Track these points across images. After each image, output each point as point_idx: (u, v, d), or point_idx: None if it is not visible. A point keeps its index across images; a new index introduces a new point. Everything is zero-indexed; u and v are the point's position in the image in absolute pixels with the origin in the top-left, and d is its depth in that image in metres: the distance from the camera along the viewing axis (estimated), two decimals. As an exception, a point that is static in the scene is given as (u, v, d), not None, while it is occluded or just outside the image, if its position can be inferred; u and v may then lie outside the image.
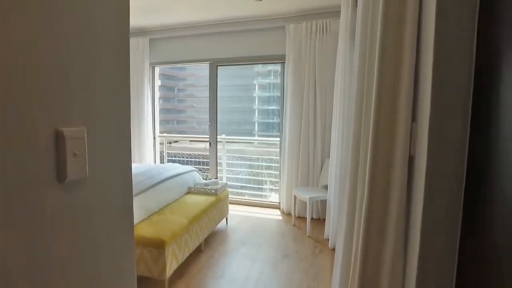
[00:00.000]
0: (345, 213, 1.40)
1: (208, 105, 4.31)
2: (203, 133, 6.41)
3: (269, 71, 5.02)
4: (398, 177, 1.14)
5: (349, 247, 1.38)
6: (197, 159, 6.38)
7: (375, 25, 1.24)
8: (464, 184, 0.95)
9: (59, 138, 0.62)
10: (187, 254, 2.51)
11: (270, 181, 4.98)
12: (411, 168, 1.13)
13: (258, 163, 5.15)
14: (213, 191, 3.25)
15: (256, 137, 5.23)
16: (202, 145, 6.55)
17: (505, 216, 0.74)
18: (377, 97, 1.16)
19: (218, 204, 3.21)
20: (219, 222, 3.33)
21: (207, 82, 4.33)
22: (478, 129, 0.90)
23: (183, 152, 6.68)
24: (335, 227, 2.90)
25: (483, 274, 0.84)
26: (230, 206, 3.78)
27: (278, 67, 4.34)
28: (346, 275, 1.41)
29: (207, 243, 3.07)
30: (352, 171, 1.35)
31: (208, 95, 4.30)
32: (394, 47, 1.13)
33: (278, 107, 4.52)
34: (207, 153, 5.46)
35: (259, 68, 6.07)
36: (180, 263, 2.38)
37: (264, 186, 5.04)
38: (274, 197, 4.69)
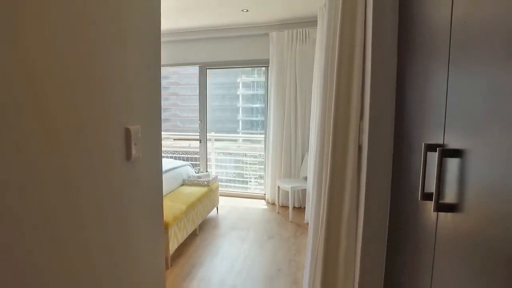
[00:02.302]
0: (315, 189, 1.81)
1: (191, 104, 4.66)
2: (186, 131, 6.60)
3: (253, 69, 5.28)
4: (351, 160, 1.56)
5: (317, 217, 1.80)
6: (181, 155, 6.63)
7: (335, 43, 1.64)
8: (391, 162, 1.38)
9: (127, 133, 0.99)
10: (185, 236, 2.88)
11: (254, 175, 5.37)
12: (360, 153, 1.56)
13: (243, 158, 5.51)
14: (205, 182, 3.62)
15: (243, 134, 5.55)
16: (186, 143, 6.71)
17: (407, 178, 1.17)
18: (336, 102, 1.58)
19: (210, 194, 3.59)
20: (211, 211, 3.71)
21: (190, 80, 4.63)
22: (398, 124, 1.32)
23: (167, 149, 6.91)
24: (313, 212, 3.33)
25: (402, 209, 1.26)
26: (219, 198, 4.17)
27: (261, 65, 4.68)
28: (315, 239, 1.82)
29: (201, 228, 3.45)
30: (319, 158, 1.76)
31: (191, 93, 4.64)
32: (347, 67, 1.55)
33: (262, 105, 4.90)
34: (190, 150, 5.76)
35: (242, 66, 6.31)
36: (179, 243, 2.75)
37: (249, 179, 5.42)
38: (259, 190, 5.09)
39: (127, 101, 0.99)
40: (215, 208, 3.93)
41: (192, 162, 5.27)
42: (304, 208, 4.05)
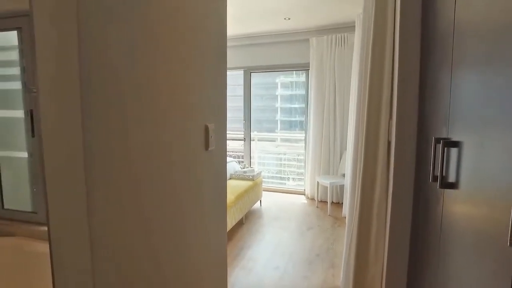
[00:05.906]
0: (350, 178, 2.08)
1: (229, 104, 5.09)
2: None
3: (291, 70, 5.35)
4: (381, 154, 1.82)
5: (352, 203, 2.06)
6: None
7: (368, 53, 1.90)
8: (415, 155, 1.62)
9: (206, 129, 1.36)
10: (233, 223, 3.26)
11: (294, 171, 5.65)
12: (389, 148, 1.81)
13: (284, 156, 5.80)
14: (250, 176, 3.99)
15: (283, 134, 5.81)
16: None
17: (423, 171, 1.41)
18: (368, 104, 1.84)
19: (255, 187, 3.95)
20: (256, 203, 4.07)
21: (229, 81, 4.96)
22: (420, 122, 1.57)
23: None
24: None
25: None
26: (262, 193, 4.52)
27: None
28: (350, 223, 2.09)
29: (247, 218, 3.82)
30: (354, 152, 2.03)
31: (228, 94, 5.05)
32: (378, 74, 1.80)
33: (301, 105, 5.15)
34: (229, 149, 6.14)
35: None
36: (229, 229, 3.14)
37: (289, 176, 5.71)
38: (299, 186, 5.37)
39: (207, 104, 1.35)
40: (259, 200, 4.29)
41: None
42: (342, 203, 4.27)
